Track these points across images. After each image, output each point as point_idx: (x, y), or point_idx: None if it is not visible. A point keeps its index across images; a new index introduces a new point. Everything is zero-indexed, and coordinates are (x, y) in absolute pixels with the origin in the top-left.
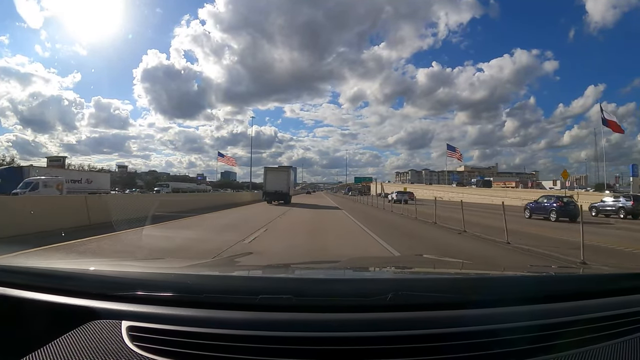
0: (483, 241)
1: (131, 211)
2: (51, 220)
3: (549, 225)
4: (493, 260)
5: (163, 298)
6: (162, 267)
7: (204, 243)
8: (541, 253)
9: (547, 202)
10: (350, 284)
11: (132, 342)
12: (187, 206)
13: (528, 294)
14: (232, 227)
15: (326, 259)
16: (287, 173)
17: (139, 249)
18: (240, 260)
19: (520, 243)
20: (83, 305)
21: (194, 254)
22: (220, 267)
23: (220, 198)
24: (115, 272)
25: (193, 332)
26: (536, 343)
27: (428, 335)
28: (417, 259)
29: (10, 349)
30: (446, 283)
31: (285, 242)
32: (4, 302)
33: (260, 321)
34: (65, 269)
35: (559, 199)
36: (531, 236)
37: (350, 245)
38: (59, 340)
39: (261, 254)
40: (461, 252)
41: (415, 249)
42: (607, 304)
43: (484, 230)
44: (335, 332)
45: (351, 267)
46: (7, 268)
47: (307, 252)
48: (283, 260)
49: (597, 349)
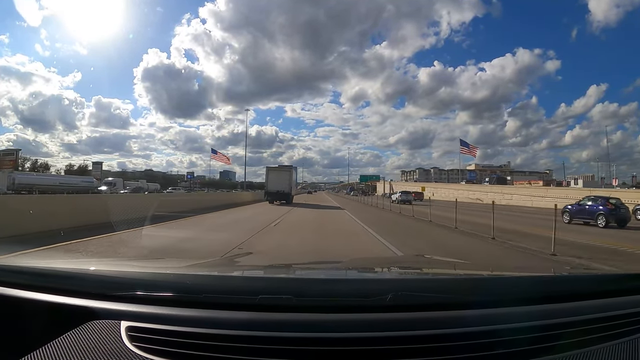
0: (522, 252)
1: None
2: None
3: (596, 232)
4: (496, 261)
5: (162, 298)
6: (162, 267)
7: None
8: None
9: (593, 204)
10: (350, 285)
11: (131, 342)
12: (175, 208)
13: (529, 294)
14: (228, 228)
15: (326, 259)
16: (289, 172)
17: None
18: (240, 260)
19: (571, 255)
20: (82, 305)
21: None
22: (219, 267)
23: (215, 199)
24: (114, 272)
25: (192, 332)
26: (537, 344)
27: (428, 336)
28: (417, 259)
29: (10, 348)
30: (446, 283)
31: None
32: (3, 302)
33: (260, 321)
34: (64, 268)
35: (607, 200)
36: (581, 247)
37: (354, 246)
38: (57, 340)
39: (261, 254)
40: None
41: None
42: (609, 304)
43: (520, 237)
44: (335, 333)
45: (351, 267)
46: (6, 268)
47: (311, 253)
48: (283, 261)
49: (598, 349)
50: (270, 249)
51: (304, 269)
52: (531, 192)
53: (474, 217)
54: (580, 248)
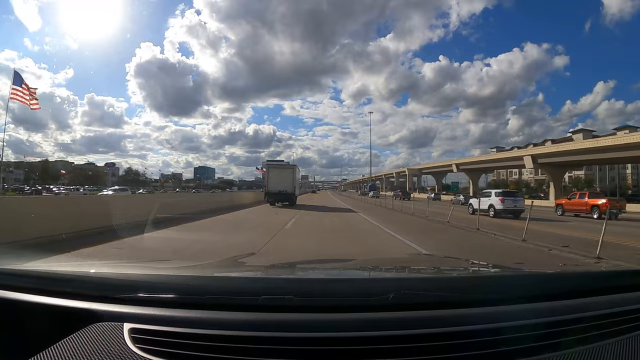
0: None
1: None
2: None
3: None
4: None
5: (165, 300)
6: (164, 269)
7: None
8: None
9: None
10: (352, 284)
11: (134, 344)
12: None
13: (532, 291)
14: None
15: (328, 259)
16: (292, 171)
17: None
18: (242, 261)
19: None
20: (85, 307)
21: None
22: (222, 268)
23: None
24: (117, 274)
25: (195, 333)
26: (541, 341)
27: (431, 335)
28: (419, 258)
29: (13, 351)
30: (448, 282)
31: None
32: (7, 305)
33: (263, 322)
34: (67, 271)
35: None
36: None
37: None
38: (61, 343)
39: (263, 254)
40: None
41: None
42: (612, 300)
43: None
44: (337, 332)
45: (353, 267)
46: (9, 271)
47: (312, 254)
48: (285, 261)
49: (603, 345)
50: (268, 250)
51: (306, 269)
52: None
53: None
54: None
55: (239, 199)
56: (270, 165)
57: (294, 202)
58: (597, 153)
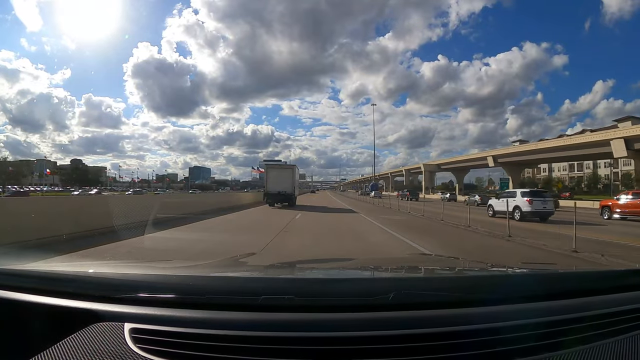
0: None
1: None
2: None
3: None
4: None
5: (165, 300)
6: (164, 269)
7: None
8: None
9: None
10: (352, 284)
11: (134, 344)
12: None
13: (532, 291)
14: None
15: (328, 259)
16: (292, 171)
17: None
18: (242, 260)
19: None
20: (85, 307)
21: None
22: (222, 268)
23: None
24: (117, 274)
25: (196, 333)
26: (541, 340)
27: (432, 334)
28: (419, 257)
29: (14, 352)
30: (448, 281)
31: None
32: (7, 306)
33: (263, 322)
34: (67, 271)
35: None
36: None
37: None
38: (61, 343)
39: (264, 254)
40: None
41: None
42: (612, 300)
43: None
44: (338, 332)
45: (353, 266)
46: (9, 271)
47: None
48: (285, 261)
49: (602, 345)
50: (269, 250)
51: (306, 269)
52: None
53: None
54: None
55: (237, 199)
56: (270, 166)
57: (293, 203)
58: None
